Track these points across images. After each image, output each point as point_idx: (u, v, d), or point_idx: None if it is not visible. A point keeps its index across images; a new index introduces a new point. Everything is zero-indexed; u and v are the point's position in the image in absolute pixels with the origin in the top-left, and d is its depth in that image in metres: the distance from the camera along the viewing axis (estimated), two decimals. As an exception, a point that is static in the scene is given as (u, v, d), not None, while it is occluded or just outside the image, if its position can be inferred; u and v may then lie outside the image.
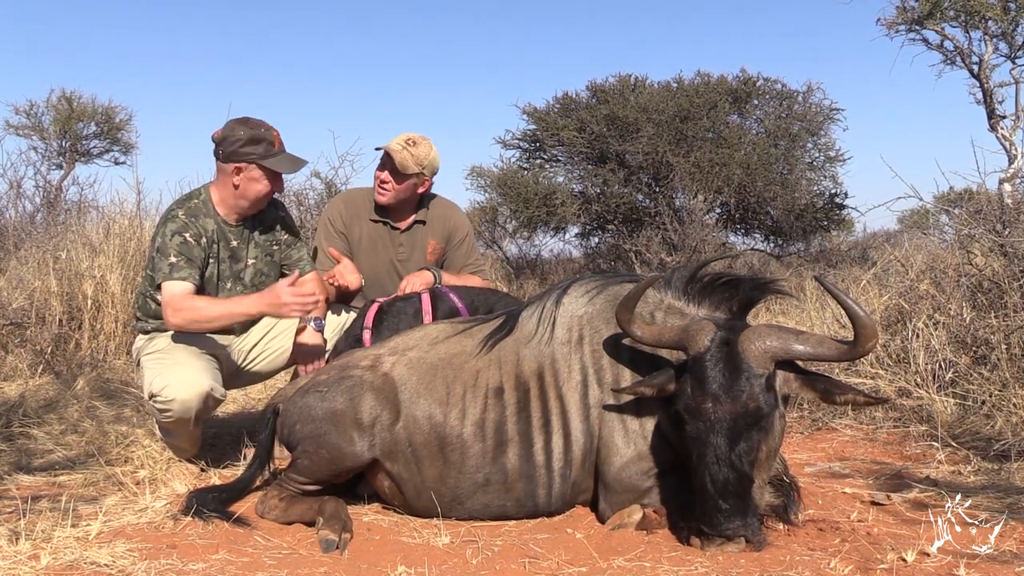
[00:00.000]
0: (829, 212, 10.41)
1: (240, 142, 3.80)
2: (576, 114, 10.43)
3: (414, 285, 4.17)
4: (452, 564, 2.73)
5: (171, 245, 3.73)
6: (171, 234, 3.75)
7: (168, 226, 3.78)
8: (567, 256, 12.17)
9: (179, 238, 3.74)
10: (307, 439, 3.17)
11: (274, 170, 3.84)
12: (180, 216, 3.81)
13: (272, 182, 3.88)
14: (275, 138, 3.85)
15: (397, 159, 4.29)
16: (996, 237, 4.82)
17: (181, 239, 3.74)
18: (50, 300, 6.07)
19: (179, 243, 3.73)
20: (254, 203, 3.90)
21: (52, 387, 5.28)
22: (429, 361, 3.26)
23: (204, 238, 3.81)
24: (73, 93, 14.02)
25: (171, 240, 3.74)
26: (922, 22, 8.98)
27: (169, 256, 3.71)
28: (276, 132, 3.87)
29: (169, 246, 3.73)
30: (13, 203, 9.39)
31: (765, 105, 10.56)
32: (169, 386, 3.53)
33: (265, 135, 3.82)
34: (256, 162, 3.80)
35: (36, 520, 2.96)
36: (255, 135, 3.80)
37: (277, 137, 3.86)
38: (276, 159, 3.84)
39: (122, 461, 3.90)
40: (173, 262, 3.70)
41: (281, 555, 2.82)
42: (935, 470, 3.70)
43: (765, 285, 3.06)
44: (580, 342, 3.18)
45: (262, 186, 3.85)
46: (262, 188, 3.85)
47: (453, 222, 4.64)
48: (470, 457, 3.10)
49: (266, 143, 3.81)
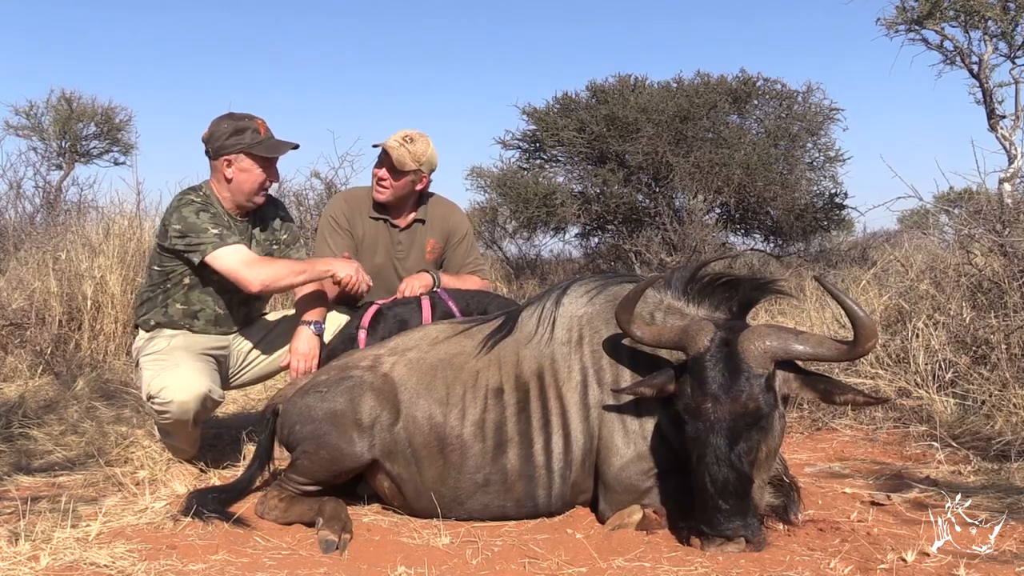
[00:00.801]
0: (829, 212, 10.41)
1: (225, 135, 3.79)
2: (576, 114, 10.43)
3: (413, 288, 4.14)
4: (452, 564, 2.73)
5: (203, 220, 3.71)
6: (196, 211, 3.73)
7: (188, 208, 3.75)
8: (567, 256, 12.18)
9: (206, 214, 3.74)
10: (307, 440, 3.17)
11: (263, 155, 3.80)
12: (195, 199, 3.80)
13: (264, 169, 3.84)
14: (259, 126, 3.82)
15: (394, 156, 4.29)
16: (996, 237, 4.82)
17: (208, 214, 3.74)
18: (50, 301, 6.07)
19: (209, 217, 3.73)
20: (250, 194, 3.86)
21: (52, 388, 5.28)
22: (429, 361, 3.26)
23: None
24: (73, 94, 14.07)
25: (199, 217, 3.71)
26: (922, 22, 8.98)
27: (208, 228, 3.69)
28: (260, 120, 3.84)
29: (201, 221, 3.70)
30: (13, 204, 9.42)
31: (765, 105, 10.55)
32: (167, 388, 3.53)
33: (249, 124, 3.81)
34: (244, 151, 3.78)
35: (36, 521, 2.96)
36: (239, 126, 3.80)
37: (262, 125, 3.84)
38: (263, 144, 3.81)
39: (122, 462, 3.90)
40: (217, 232, 3.69)
41: (281, 556, 2.82)
42: (935, 470, 3.70)
43: (765, 285, 3.06)
44: (580, 342, 3.18)
45: (255, 175, 3.82)
46: (255, 177, 3.82)
47: (452, 221, 4.62)
48: (470, 458, 3.10)
49: (251, 131, 3.79)
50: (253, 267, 3.66)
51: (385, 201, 4.43)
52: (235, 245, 3.68)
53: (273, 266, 3.71)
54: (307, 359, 3.82)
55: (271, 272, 3.67)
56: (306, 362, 3.81)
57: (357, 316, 3.94)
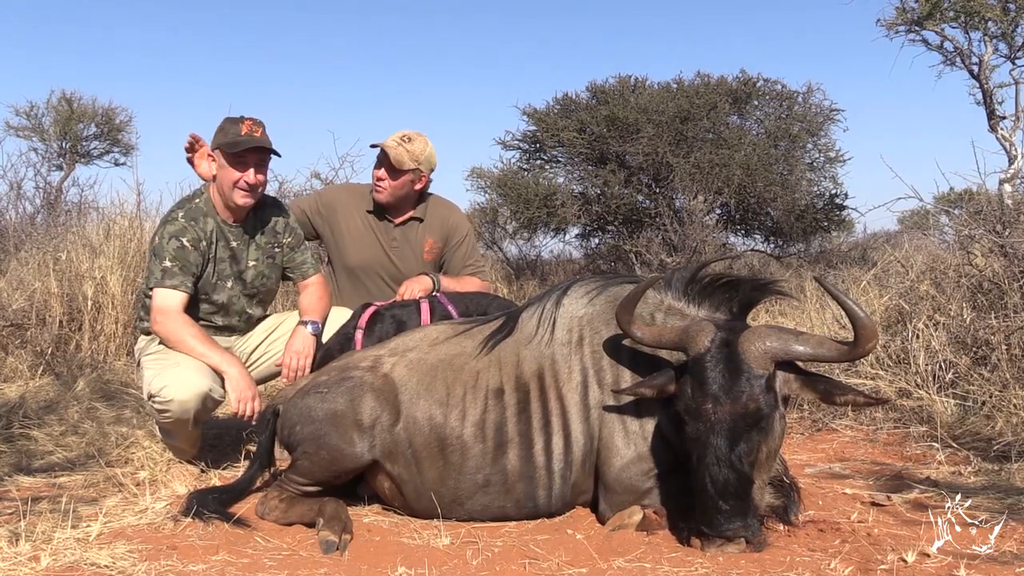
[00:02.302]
0: (829, 213, 10.40)
1: (217, 133, 3.82)
2: (576, 115, 10.42)
3: (413, 291, 4.13)
4: (452, 565, 2.73)
5: (167, 249, 3.72)
6: (168, 237, 3.74)
7: (167, 228, 3.78)
8: (567, 257, 12.16)
9: (176, 242, 3.73)
10: (307, 440, 3.17)
11: (229, 151, 3.73)
12: (179, 219, 3.80)
13: (236, 168, 3.75)
14: (244, 125, 3.78)
15: (392, 155, 4.29)
16: (996, 238, 4.82)
17: (178, 244, 3.73)
18: (50, 301, 6.06)
19: (175, 248, 3.73)
20: (228, 194, 3.80)
21: (52, 388, 5.28)
22: (429, 362, 3.26)
23: (203, 241, 3.80)
24: (73, 94, 14.03)
25: (168, 244, 3.73)
26: (922, 23, 8.97)
27: (164, 260, 3.71)
28: (249, 122, 3.79)
29: (165, 249, 3.72)
30: (13, 204, 9.40)
31: (765, 106, 10.54)
32: (168, 387, 3.53)
33: (233, 125, 3.78)
34: (217, 146, 3.78)
35: (36, 521, 2.96)
36: (226, 125, 3.80)
37: (248, 125, 3.79)
38: (229, 142, 3.75)
39: (122, 462, 3.90)
40: (167, 267, 3.71)
41: (281, 556, 2.82)
42: (935, 471, 3.70)
43: (765, 286, 3.06)
44: (580, 343, 3.18)
45: (227, 172, 3.77)
46: (228, 175, 3.77)
47: (452, 222, 4.62)
48: (470, 458, 3.10)
49: (233, 131, 3.77)
50: (161, 317, 3.70)
51: (385, 202, 4.43)
52: (169, 290, 3.69)
53: (174, 330, 3.68)
54: (300, 357, 3.83)
55: (168, 331, 3.69)
56: (299, 360, 3.81)
57: (355, 317, 3.94)
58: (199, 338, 3.70)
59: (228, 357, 3.71)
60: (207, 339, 3.74)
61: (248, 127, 3.79)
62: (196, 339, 3.69)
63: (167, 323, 3.70)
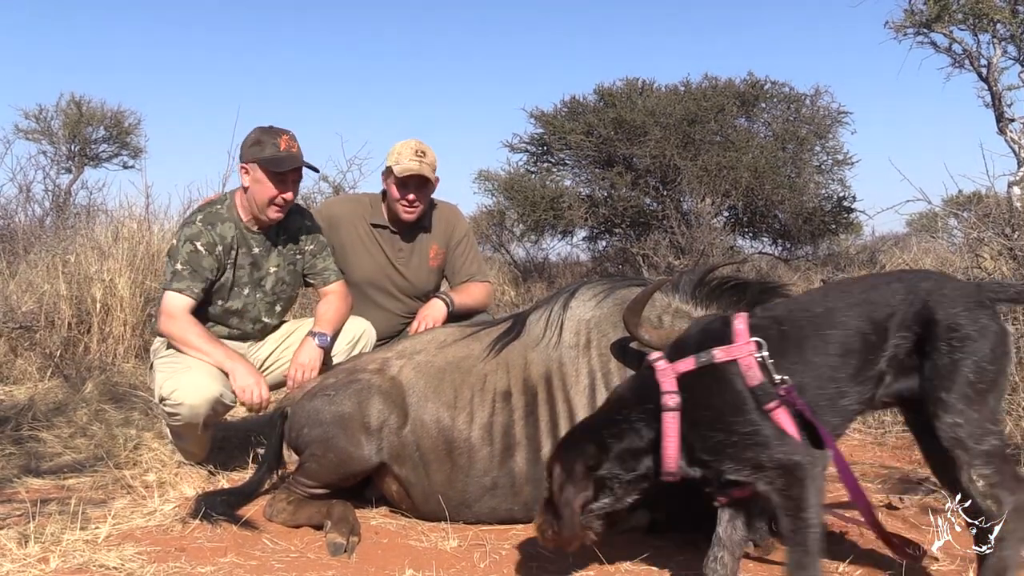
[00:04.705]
0: (837, 215, 10.39)
1: (248, 144, 3.81)
2: (583, 118, 10.43)
3: (428, 324, 4.10)
4: (460, 568, 2.73)
5: (181, 252, 3.75)
6: (184, 240, 3.77)
7: (184, 231, 3.80)
8: (574, 260, 12.16)
9: (190, 246, 3.75)
10: (315, 443, 3.17)
11: (272, 169, 3.74)
12: (197, 222, 3.81)
13: (275, 184, 3.77)
14: (283, 140, 3.79)
15: (421, 175, 4.24)
16: (1005, 240, 4.80)
17: (192, 247, 3.75)
18: (59, 304, 6.10)
19: (189, 251, 3.74)
20: (261, 207, 3.82)
21: (61, 390, 5.30)
22: (437, 365, 3.27)
23: (220, 246, 3.80)
24: (82, 97, 14.10)
25: (183, 247, 3.75)
26: (930, 25, 8.94)
27: (176, 263, 3.74)
28: (287, 136, 3.81)
29: (180, 252, 3.75)
30: (23, 207, 9.46)
31: (773, 108, 10.55)
32: (178, 390, 3.54)
33: (271, 138, 3.78)
34: (255, 161, 3.78)
35: (45, 523, 2.97)
36: (261, 138, 3.79)
37: (285, 140, 3.80)
38: (272, 159, 3.75)
39: (131, 464, 3.91)
40: (177, 270, 3.73)
41: (289, 558, 2.83)
42: (944, 474, 3.68)
43: (773, 289, 3.05)
44: (588, 346, 3.18)
45: (265, 187, 3.77)
46: (265, 190, 3.77)
47: (452, 224, 4.57)
48: (478, 461, 3.10)
49: (270, 144, 3.77)
50: (166, 318, 3.74)
51: (414, 220, 4.40)
52: (176, 293, 3.72)
53: (179, 331, 3.71)
54: (306, 370, 3.76)
55: (172, 332, 3.73)
56: (305, 373, 3.77)
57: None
58: (203, 337, 3.72)
59: (231, 354, 3.72)
60: (211, 338, 3.76)
61: (286, 142, 3.79)
62: (200, 338, 3.71)
63: (172, 324, 3.72)
